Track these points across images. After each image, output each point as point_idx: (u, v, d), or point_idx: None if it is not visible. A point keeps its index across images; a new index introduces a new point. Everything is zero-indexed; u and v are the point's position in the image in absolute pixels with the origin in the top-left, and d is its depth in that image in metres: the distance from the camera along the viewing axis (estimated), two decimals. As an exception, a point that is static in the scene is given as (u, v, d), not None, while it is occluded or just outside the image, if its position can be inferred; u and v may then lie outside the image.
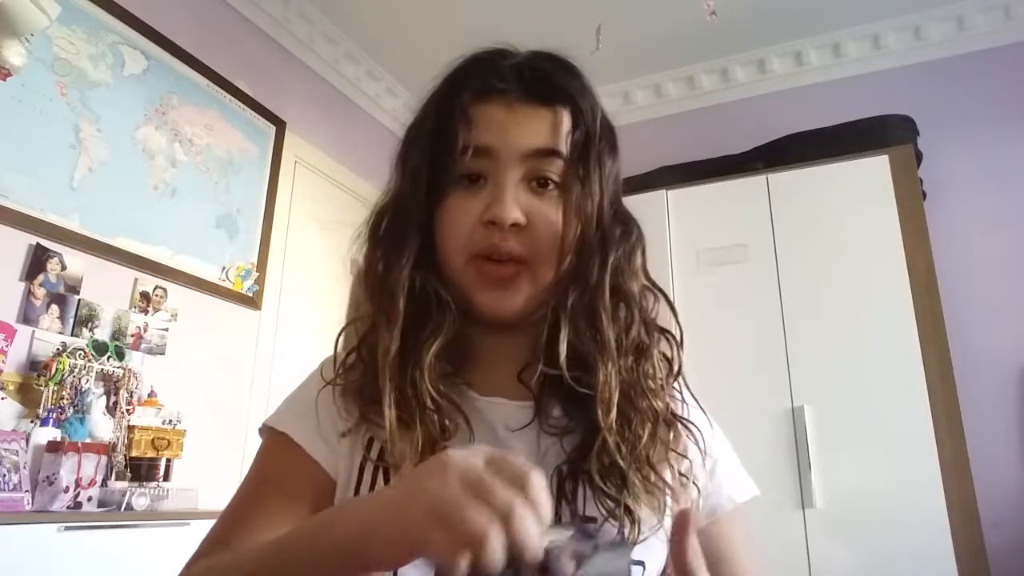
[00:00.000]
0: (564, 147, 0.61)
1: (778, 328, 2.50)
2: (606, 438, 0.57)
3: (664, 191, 2.81)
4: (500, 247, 0.60)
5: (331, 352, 0.69)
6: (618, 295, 0.62)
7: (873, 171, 2.51)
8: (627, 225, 0.66)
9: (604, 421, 0.57)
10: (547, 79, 0.63)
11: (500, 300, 0.62)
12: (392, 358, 0.58)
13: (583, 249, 0.61)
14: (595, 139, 0.62)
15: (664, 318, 0.67)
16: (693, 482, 0.63)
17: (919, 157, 2.62)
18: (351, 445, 0.61)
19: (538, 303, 0.62)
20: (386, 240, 0.64)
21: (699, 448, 0.63)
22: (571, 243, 0.61)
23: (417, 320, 0.61)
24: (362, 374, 0.62)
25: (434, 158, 0.62)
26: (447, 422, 0.58)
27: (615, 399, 0.58)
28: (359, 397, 0.61)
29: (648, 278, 0.67)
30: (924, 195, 2.55)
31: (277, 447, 0.64)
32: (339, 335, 0.69)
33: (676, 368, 0.65)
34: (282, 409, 0.68)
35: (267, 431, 0.66)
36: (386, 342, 0.59)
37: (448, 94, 0.63)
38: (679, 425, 0.63)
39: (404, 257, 0.61)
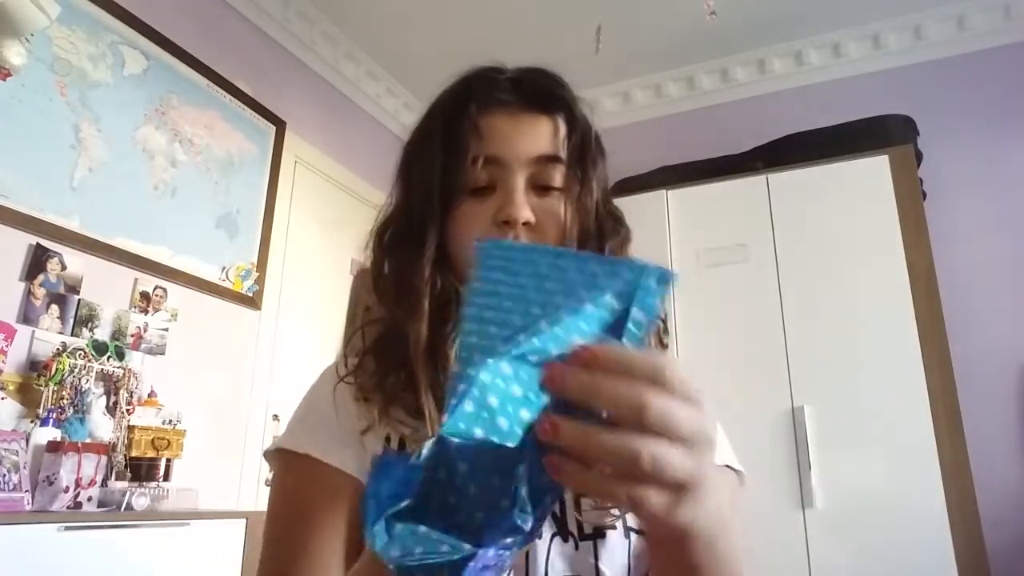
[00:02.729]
0: (563, 152, 0.66)
1: (778, 328, 2.50)
2: None
3: (664, 191, 2.81)
4: None
5: (334, 353, 0.69)
6: None
7: (873, 171, 2.51)
8: (618, 220, 0.71)
9: None
10: (543, 90, 0.68)
11: None
12: (423, 349, 0.61)
13: (582, 241, 0.66)
14: (589, 143, 0.68)
15: None
16: None
17: (919, 157, 2.62)
18: (373, 442, 0.62)
19: None
20: (400, 248, 0.67)
21: None
22: (574, 237, 0.65)
23: (439, 317, 0.63)
24: (382, 376, 0.63)
25: (445, 168, 0.65)
26: None
27: None
28: (379, 395, 0.62)
29: None
30: (924, 195, 2.55)
31: (303, 472, 0.62)
32: (351, 337, 0.70)
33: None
34: (294, 428, 0.66)
35: (283, 455, 0.64)
36: (416, 333, 0.61)
37: (454, 107, 0.67)
38: None
39: (424, 257, 0.64)
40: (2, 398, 1.75)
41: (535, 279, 0.34)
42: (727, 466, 0.67)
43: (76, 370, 1.91)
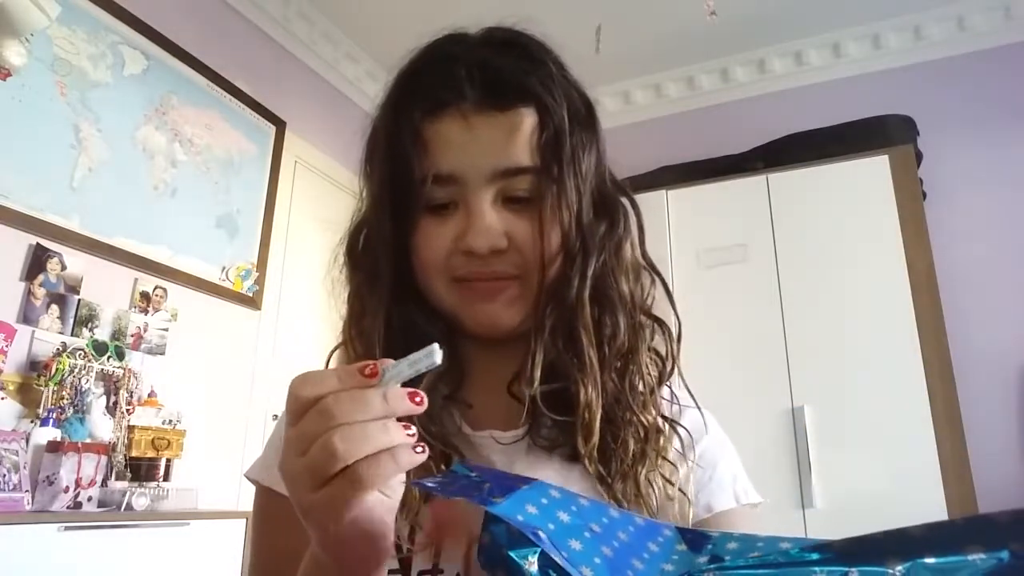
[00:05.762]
0: (532, 157, 0.55)
1: (778, 328, 2.50)
2: (585, 467, 0.55)
3: (664, 191, 2.81)
4: (483, 272, 0.56)
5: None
6: (601, 306, 0.58)
7: (873, 171, 2.51)
8: (613, 216, 0.60)
9: (584, 447, 0.54)
10: (504, 79, 0.56)
11: (495, 315, 0.58)
12: None
13: (565, 257, 0.57)
14: (566, 136, 0.56)
15: (660, 307, 0.63)
16: (680, 489, 0.58)
17: (919, 157, 2.62)
18: None
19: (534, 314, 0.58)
20: (363, 267, 0.61)
21: (681, 453, 0.59)
22: (554, 254, 0.56)
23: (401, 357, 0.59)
24: None
25: (394, 183, 0.56)
26: (436, 460, 0.55)
27: (596, 422, 0.54)
28: None
29: (646, 258, 0.62)
30: (924, 195, 2.55)
31: (271, 503, 0.59)
32: (328, 358, 0.65)
33: (670, 367, 0.60)
34: (268, 456, 0.62)
35: (256, 483, 0.62)
36: None
37: (397, 111, 0.57)
38: (668, 430, 0.59)
39: (377, 296, 0.58)
40: (2, 398, 1.75)
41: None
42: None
43: (76, 370, 1.91)
